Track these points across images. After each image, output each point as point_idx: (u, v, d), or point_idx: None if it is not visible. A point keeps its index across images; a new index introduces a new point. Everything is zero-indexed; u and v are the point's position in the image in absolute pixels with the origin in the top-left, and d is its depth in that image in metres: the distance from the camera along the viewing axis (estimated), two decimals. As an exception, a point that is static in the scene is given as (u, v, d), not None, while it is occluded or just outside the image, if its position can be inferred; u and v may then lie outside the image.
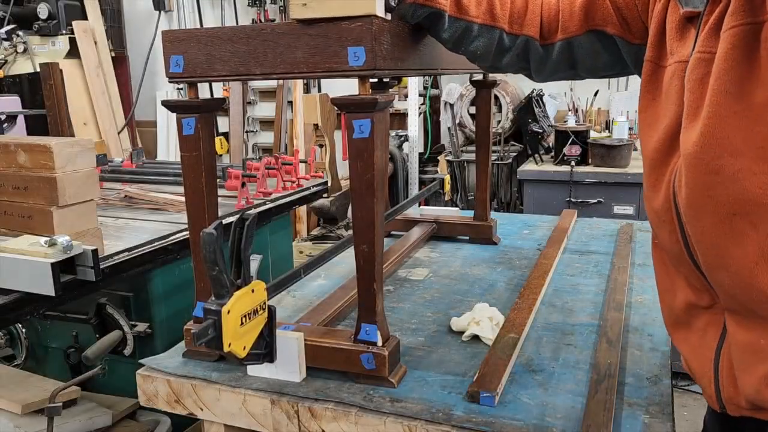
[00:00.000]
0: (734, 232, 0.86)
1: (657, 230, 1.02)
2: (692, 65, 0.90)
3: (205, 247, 0.87)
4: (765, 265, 0.84)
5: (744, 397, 0.92)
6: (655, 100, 1.03)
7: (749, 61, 0.82)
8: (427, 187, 2.35)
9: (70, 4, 4.69)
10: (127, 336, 1.78)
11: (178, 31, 1.09)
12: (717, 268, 0.90)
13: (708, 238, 0.89)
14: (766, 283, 0.84)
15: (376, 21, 0.96)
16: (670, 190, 0.94)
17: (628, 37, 1.12)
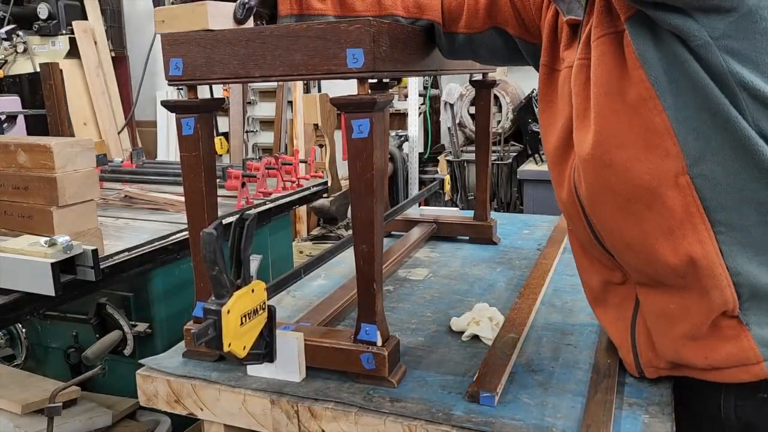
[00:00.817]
0: (632, 216, 0.97)
1: (567, 220, 1.14)
2: (575, 71, 1.02)
3: (205, 247, 0.87)
4: (664, 240, 0.95)
5: (663, 358, 1.04)
6: (552, 102, 1.12)
7: (618, 64, 0.93)
8: (427, 187, 2.35)
9: (70, 4, 4.69)
10: (127, 336, 1.78)
11: (178, 34, 1.09)
12: (622, 249, 1.02)
13: (609, 224, 1.01)
14: (667, 256, 0.95)
15: (375, 23, 0.96)
16: (571, 184, 1.05)
17: (526, 37, 1.21)
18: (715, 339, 0.98)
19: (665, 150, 0.91)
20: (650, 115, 0.91)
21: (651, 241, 0.97)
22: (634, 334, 1.09)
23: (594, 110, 0.96)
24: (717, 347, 0.98)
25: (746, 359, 0.96)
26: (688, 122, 0.90)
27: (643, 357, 1.08)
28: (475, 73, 1.79)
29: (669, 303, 1.01)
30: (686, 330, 0.99)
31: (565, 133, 1.07)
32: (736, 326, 0.97)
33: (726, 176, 0.91)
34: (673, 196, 0.92)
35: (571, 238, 1.21)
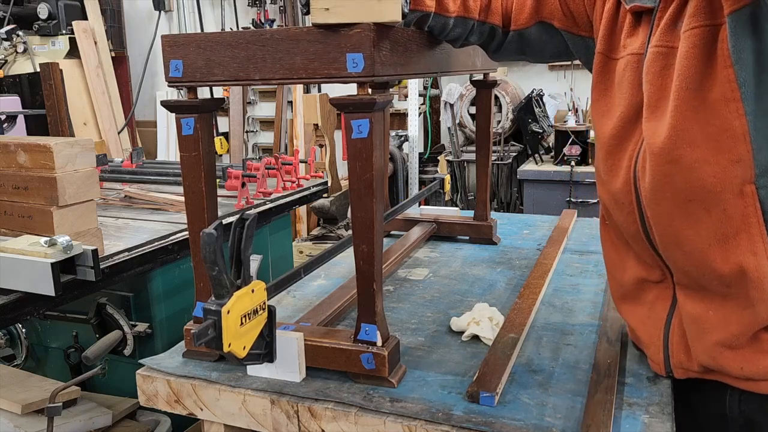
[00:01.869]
0: (690, 216, 0.95)
1: (612, 212, 1.10)
2: (650, 59, 0.97)
3: (205, 247, 0.87)
4: (717, 247, 0.93)
5: (697, 362, 1.03)
6: (608, 90, 1.10)
7: (708, 59, 0.89)
8: (427, 187, 2.35)
9: (70, 4, 4.69)
10: (127, 336, 1.78)
11: (178, 36, 1.09)
12: (672, 247, 0.99)
13: (666, 220, 0.98)
14: (717, 262, 0.94)
15: (376, 28, 0.96)
16: (630, 174, 1.02)
17: (573, 29, 1.21)
18: (754, 351, 0.97)
19: (738, 156, 0.89)
20: (730, 117, 0.88)
21: (703, 246, 0.95)
22: (668, 334, 1.06)
23: (672, 103, 0.93)
24: (755, 360, 0.97)
25: None
26: (766, 131, 0.88)
27: (674, 358, 1.06)
28: (476, 74, 1.79)
29: (708, 309, 0.99)
30: (723, 338, 0.98)
31: (623, 122, 1.04)
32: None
33: None
34: (735, 203, 0.91)
35: (604, 233, 1.19)
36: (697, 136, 0.91)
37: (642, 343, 1.13)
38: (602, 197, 1.13)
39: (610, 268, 1.19)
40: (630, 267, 1.11)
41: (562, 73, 4.30)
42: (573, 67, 4.17)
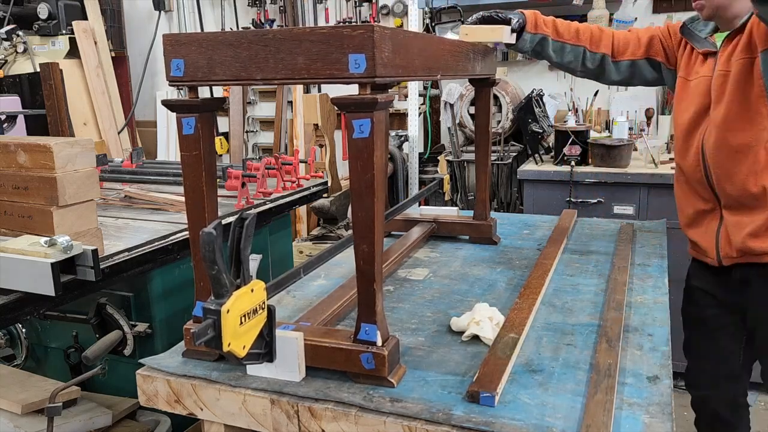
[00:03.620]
0: (736, 160, 1.68)
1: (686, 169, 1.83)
2: (716, 78, 1.72)
3: (205, 247, 0.87)
4: (752, 177, 1.66)
5: (735, 248, 1.74)
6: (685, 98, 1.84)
7: (749, 74, 1.64)
8: (427, 186, 2.35)
9: (70, 4, 4.69)
10: (127, 336, 1.78)
11: (180, 35, 1.09)
12: (724, 179, 1.72)
13: (723, 165, 1.71)
14: (750, 186, 1.67)
15: (378, 29, 0.96)
16: (700, 144, 1.76)
17: (668, 64, 1.94)
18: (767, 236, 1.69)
19: (764, 126, 1.64)
20: (758, 105, 1.63)
21: (743, 177, 1.68)
22: (718, 239, 1.78)
23: (727, 98, 1.67)
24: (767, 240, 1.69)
25: None
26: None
27: (722, 252, 1.78)
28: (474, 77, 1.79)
29: (744, 216, 1.72)
30: (752, 230, 1.69)
31: (696, 115, 1.77)
32: None
33: None
34: (761, 152, 1.64)
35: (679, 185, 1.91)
36: (741, 115, 1.66)
37: (701, 250, 1.85)
38: (679, 163, 1.86)
39: (681, 206, 1.91)
40: (693, 204, 1.84)
41: (562, 73, 4.30)
42: (573, 67, 4.17)
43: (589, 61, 1.94)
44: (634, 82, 2.04)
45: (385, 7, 4.66)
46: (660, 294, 1.49)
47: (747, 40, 1.64)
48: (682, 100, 1.84)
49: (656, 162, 3.34)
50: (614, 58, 1.94)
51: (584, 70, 1.98)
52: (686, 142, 1.80)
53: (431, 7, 4.09)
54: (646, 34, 1.95)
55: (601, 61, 1.95)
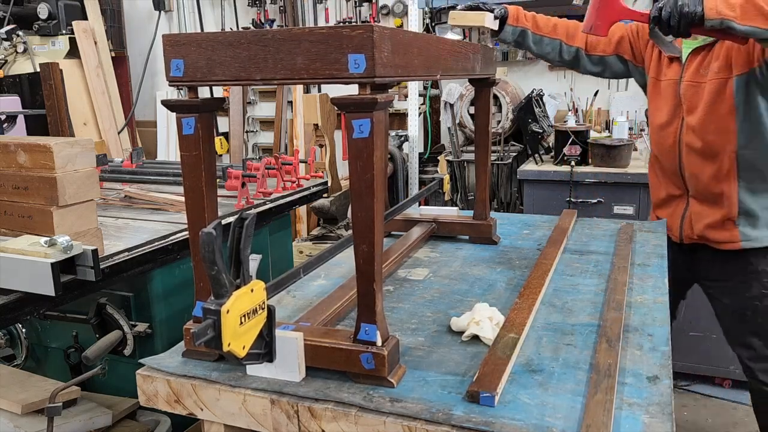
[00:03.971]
0: (704, 162, 2.01)
1: (662, 160, 2.15)
2: (686, 86, 2.01)
3: (204, 247, 0.87)
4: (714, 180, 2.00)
5: (696, 234, 2.11)
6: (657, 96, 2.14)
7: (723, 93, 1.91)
8: (427, 186, 2.35)
9: (70, 4, 4.69)
10: (127, 336, 1.78)
11: (179, 35, 1.09)
12: (693, 178, 2.06)
13: (693, 164, 2.04)
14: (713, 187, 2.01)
15: (377, 29, 0.96)
16: (676, 139, 2.06)
17: (635, 62, 2.22)
18: (723, 229, 2.05)
19: (729, 137, 1.94)
20: (728, 120, 1.93)
21: (709, 178, 2.01)
22: (683, 222, 2.14)
23: (702, 110, 1.96)
24: (723, 234, 2.06)
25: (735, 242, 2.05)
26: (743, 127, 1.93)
27: (685, 233, 2.14)
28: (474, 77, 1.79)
29: (705, 209, 2.07)
30: (710, 222, 2.06)
31: (669, 114, 2.07)
32: (732, 227, 2.04)
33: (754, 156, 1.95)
34: (726, 159, 1.96)
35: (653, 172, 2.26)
36: (712, 127, 1.96)
37: (669, 227, 2.14)
38: (655, 152, 2.19)
39: (653, 188, 2.26)
40: (665, 189, 2.18)
41: (562, 73, 4.30)
42: (573, 67, 4.17)
43: (565, 53, 2.23)
44: (605, 74, 2.33)
45: (385, 7, 4.66)
46: (660, 294, 1.49)
47: (724, 62, 1.90)
48: (655, 98, 2.14)
49: (656, 162, 3.33)
50: (587, 52, 2.22)
51: (561, 60, 2.26)
52: (661, 136, 2.12)
53: (431, 7, 4.09)
54: (617, 33, 2.18)
55: (576, 54, 2.23)
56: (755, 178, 1.97)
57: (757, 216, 2.00)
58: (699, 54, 1.97)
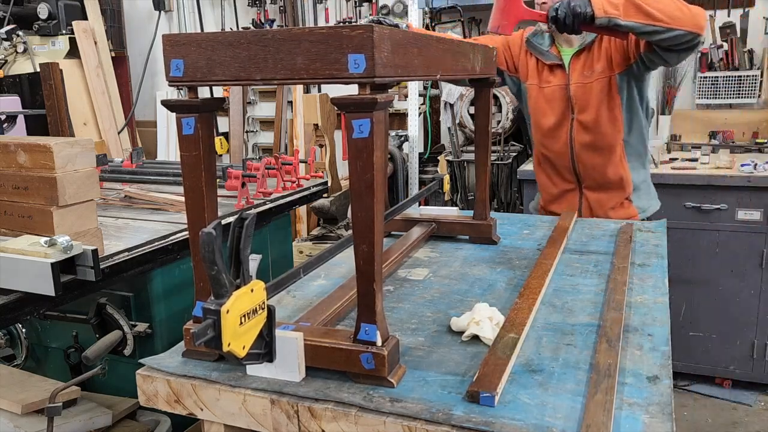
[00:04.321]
0: (599, 154, 2.30)
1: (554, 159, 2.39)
2: (575, 89, 2.26)
3: (204, 247, 0.87)
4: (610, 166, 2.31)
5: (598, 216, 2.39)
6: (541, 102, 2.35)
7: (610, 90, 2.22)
8: (427, 186, 2.35)
9: (70, 4, 4.69)
10: (127, 336, 1.78)
11: (179, 35, 1.09)
12: (589, 170, 2.34)
13: (588, 158, 2.32)
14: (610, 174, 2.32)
15: (377, 29, 0.96)
16: (568, 138, 2.32)
17: (508, 71, 2.44)
18: (623, 208, 2.38)
19: (618, 128, 2.27)
20: (616, 113, 2.25)
21: (604, 168, 2.32)
22: (581, 212, 2.39)
23: (593, 107, 2.25)
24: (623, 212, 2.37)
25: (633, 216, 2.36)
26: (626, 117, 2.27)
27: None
28: (474, 77, 1.79)
29: (603, 195, 2.38)
30: (611, 206, 2.38)
31: (559, 117, 2.31)
32: (629, 204, 2.39)
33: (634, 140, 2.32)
34: (618, 148, 2.30)
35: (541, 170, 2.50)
36: (604, 121, 2.25)
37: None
38: (546, 153, 2.41)
39: (544, 186, 2.50)
40: (557, 185, 2.44)
41: (562, 73, 4.29)
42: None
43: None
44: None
45: (385, 7, 4.66)
46: (660, 294, 1.49)
47: (605, 62, 2.20)
48: (539, 104, 2.35)
49: (656, 162, 3.34)
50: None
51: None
52: (552, 138, 2.34)
53: (431, 7, 4.09)
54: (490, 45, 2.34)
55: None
56: (635, 158, 2.36)
57: (640, 188, 2.40)
58: (579, 58, 2.24)
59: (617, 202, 2.37)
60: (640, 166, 2.39)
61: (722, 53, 3.85)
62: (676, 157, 3.55)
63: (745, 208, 3.14)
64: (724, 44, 3.84)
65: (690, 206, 3.23)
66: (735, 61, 3.83)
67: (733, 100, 3.88)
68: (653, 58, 2.11)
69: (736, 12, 3.86)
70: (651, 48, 2.06)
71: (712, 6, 3.90)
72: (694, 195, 3.21)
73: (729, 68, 3.85)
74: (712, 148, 3.60)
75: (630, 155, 2.34)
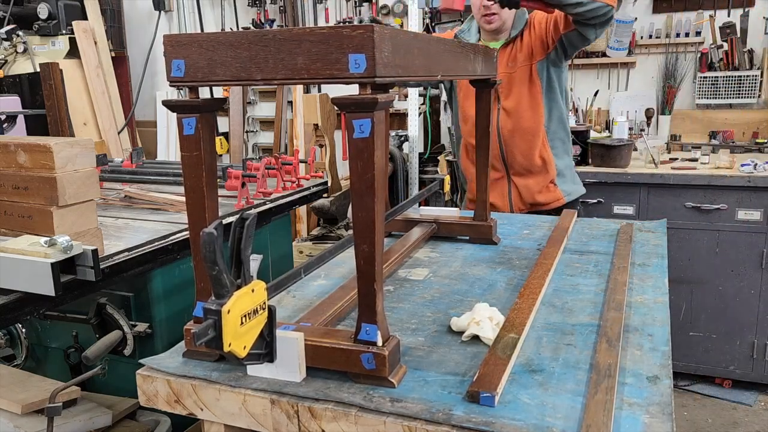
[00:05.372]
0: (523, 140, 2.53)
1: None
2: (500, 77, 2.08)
3: (205, 247, 0.87)
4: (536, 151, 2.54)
5: (527, 203, 2.61)
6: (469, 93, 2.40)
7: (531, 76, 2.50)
8: (427, 187, 2.35)
9: (70, 4, 4.69)
10: (127, 336, 1.78)
11: (180, 36, 1.09)
12: (516, 156, 2.55)
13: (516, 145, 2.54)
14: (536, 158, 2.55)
15: (377, 29, 0.96)
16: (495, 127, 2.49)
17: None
18: (548, 191, 2.58)
19: (540, 113, 2.51)
20: (538, 99, 2.49)
21: (531, 152, 2.53)
22: (511, 198, 2.61)
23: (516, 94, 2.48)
24: (549, 195, 2.58)
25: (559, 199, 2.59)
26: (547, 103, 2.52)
27: (515, 207, 2.60)
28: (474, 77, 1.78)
29: (530, 180, 2.57)
30: (537, 189, 2.56)
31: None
32: (554, 187, 2.58)
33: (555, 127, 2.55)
34: (540, 133, 2.53)
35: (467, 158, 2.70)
36: (526, 106, 2.49)
37: (497, 207, 2.60)
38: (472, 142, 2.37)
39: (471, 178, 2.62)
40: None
41: (562, 73, 4.29)
42: (573, 68, 4.17)
43: None
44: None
45: (385, 7, 4.66)
46: (660, 294, 1.49)
47: (528, 51, 2.45)
48: (467, 95, 2.54)
49: (656, 162, 3.34)
50: None
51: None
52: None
53: (431, 7, 4.09)
54: None
55: None
56: (558, 144, 2.57)
57: (564, 174, 2.60)
58: (504, 51, 2.50)
59: (543, 186, 2.57)
60: (563, 153, 2.60)
61: (722, 53, 3.85)
62: (676, 157, 3.56)
63: (745, 208, 3.14)
64: (724, 44, 3.84)
65: (690, 206, 3.23)
66: (735, 61, 3.83)
67: (733, 100, 3.88)
68: (572, 37, 2.37)
69: (736, 12, 3.86)
70: (570, 26, 2.32)
71: (712, 6, 3.90)
72: (694, 195, 3.21)
73: (729, 68, 3.85)
74: (712, 148, 3.61)
75: (553, 140, 2.56)
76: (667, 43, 4.00)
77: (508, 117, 2.51)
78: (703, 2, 3.92)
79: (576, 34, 2.35)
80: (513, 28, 2.50)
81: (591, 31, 2.32)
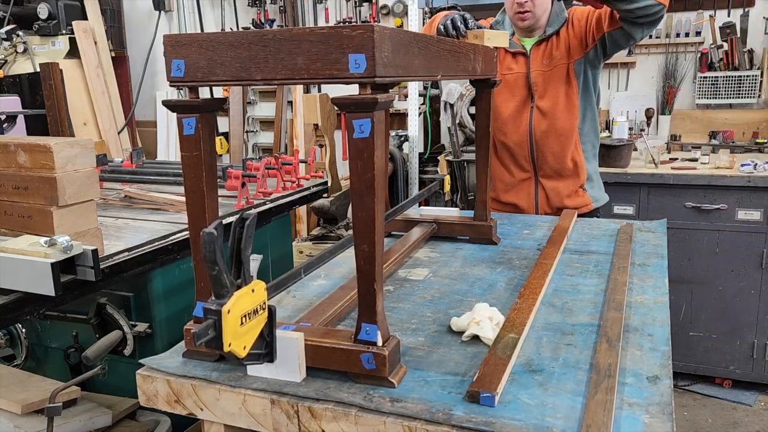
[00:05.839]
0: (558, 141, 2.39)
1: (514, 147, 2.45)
2: (535, 76, 2.37)
3: (205, 247, 0.87)
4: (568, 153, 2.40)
5: (553, 207, 2.46)
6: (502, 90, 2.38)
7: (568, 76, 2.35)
8: (427, 187, 2.35)
9: (70, 4, 4.69)
10: (127, 336, 1.78)
11: (181, 36, 1.09)
12: (548, 157, 2.41)
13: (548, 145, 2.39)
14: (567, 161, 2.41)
15: (378, 29, 0.96)
16: (527, 127, 2.40)
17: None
18: (577, 196, 2.46)
19: (575, 114, 2.38)
20: (574, 99, 2.36)
21: (563, 154, 2.40)
22: (537, 200, 2.49)
23: (551, 94, 2.37)
24: (578, 200, 2.46)
25: (588, 204, 2.47)
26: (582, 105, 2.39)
27: (541, 209, 2.48)
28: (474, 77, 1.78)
29: (560, 183, 2.45)
30: (566, 193, 2.45)
31: (519, 104, 2.40)
32: (583, 192, 2.47)
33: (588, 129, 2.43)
34: (573, 135, 2.39)
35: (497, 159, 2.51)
36: (561, 107, 2.36)
37: (522, 209, 2.49)
38: (503, 141, 2.46)
39: (499, 176, 2.52)
40: (513, 173, 2.50)
41: (562, 73, 4.29)
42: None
43: None
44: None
45: (385, 7, 4.66)
46: (660, 294, 1.49)
47: (565, 49, 2.34)
48: (500, 91, 2.39)
49: (656, 162, 3.34)
50: None
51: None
52: (513, 125, 2.41)
53: (431, 7, 4.09)
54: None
55: None
56: (588, 148, 2.46)
57: (593, 179, 2.51)
58: (539, 47, 2.38)
59: (572, 190, 2.45)
60: (592, 156, 2.50)
61: (722, 53, 3.85)
62: (676, 157, 3.55)
63: (745, 208, 3.14)
64: (724, 44, 3.84)
65: (690, 206, 3.23)
66: (735, 61, 3.83)
67: (733, 100, 3.88)
68: (617, 36, 2.23)
69: (736, 12, 3.86)
70: (616, 24, 2.18)
71: (712, 6, 3.90)
72: (694, 195, 3.21)
73: (729, 68, 3.85)
74: (712, 148, 3.61)
75: (584, 144, 2.44)
76: (667, 43, 4.00)
77: (542, 117, 2.37)
78: (703, 2, 3.92)
79: (621, 33, 2.20)
80: (549, 26, 2.37)
81: (638, 31, 2.17)
